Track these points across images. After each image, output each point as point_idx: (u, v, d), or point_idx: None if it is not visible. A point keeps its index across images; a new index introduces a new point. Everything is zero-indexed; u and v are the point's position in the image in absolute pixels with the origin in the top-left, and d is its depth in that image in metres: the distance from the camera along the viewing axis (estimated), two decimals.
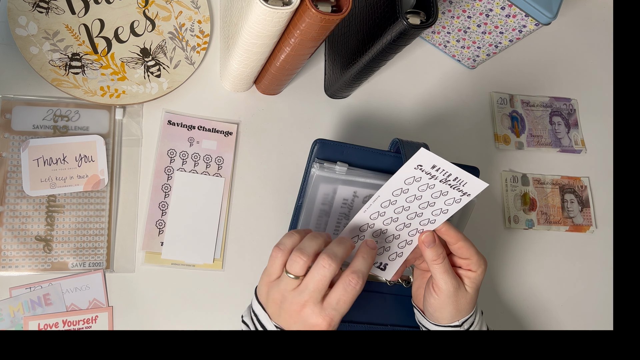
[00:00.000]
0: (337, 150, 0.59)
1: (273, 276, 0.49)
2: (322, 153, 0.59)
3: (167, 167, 0.64)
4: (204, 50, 0.67)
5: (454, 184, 0.51)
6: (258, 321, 0.50)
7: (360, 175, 0.59)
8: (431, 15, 0.51)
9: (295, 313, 0.46)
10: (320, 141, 0.59)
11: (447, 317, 0.53)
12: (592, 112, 0.85)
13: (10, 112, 0.59)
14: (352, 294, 0.47)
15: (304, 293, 0.46)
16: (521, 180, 0.77)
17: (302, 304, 0.46)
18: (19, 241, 0.58)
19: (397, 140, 0.60)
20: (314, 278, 0.46)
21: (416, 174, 0.50)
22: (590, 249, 0.78)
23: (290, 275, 0.47)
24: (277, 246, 0.49)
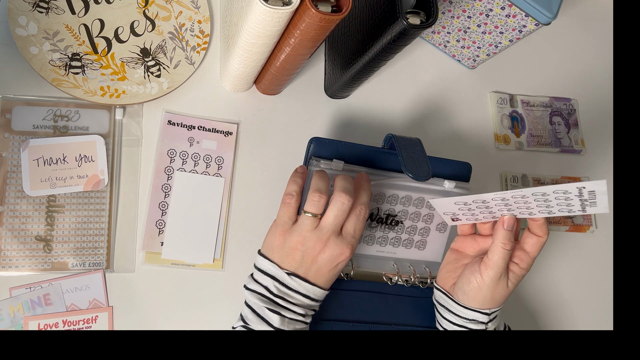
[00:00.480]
0: (332, 148, 0.61)
1: (289, 224, 0.52)
2: (318, 151, 0.60)
3: (167, 167, 0.64)
4: (204, 50, 0.67)
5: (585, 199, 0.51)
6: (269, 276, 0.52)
7: (357, 170, 0.60)
8: (431, 15, 0.51)
9: (319, 251, 0.51)
10: (316, 139, 0.60)
11: (480, 302, 0.55)
12: (592, 112, 0.85)
13: (10, 112, 0.59)
14: (363, 222, 0.53)
15: (325, 228, 0.51)
16: (521, 180, 0.77)
17: (325, 240, 0.51)
18: (19, 241, 0.58)
19: (390, 136, 0.61)
20: (334, 213, 0.51)
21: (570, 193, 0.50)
22: (590, 249, 0.78)
23: (308, 214, 0.51)
24: (287, 194, 0.53)
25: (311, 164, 0.59)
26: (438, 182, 0.63)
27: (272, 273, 0.52)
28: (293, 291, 0.51)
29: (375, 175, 0.61)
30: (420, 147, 0.59)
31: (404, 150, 0.57)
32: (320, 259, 0.51)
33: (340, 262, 0.51)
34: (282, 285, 0.51)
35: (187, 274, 0.62)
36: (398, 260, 0.64)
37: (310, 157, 0.60)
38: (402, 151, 0.57)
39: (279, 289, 0.51)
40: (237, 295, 0.62)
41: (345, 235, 0.51)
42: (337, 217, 0.51)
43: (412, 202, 0.63)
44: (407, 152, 0.57)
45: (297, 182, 0.54)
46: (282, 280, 0.51)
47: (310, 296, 0.52)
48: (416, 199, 0.63)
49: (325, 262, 0.51)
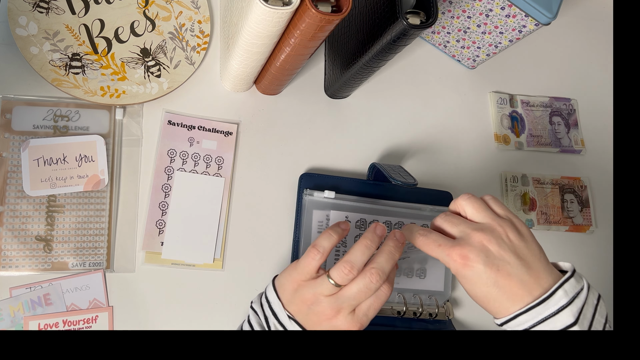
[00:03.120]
0: (322, 181, 0.66)
1: (307, 276, 0.47)
2: (308, 183, 0.65)
3: (167, 167, 0.64)
4: (204, 50, 0.67)
5: None
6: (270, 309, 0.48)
7: (348, 199, 0.65)
8: (431, 15, 0.51)
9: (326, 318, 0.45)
10: (305, 175, 0.66)
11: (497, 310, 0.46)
12: (592, 112, 0.85)
13: (11, 112, 0.59)
14: (383, 299, 0.45)
15: (341, 300, 0.45)
16: (521, 180, 0.77)
17: (336, 310, 0.45)
18: (19, 241, 0.58)
19: (374, 165, 0.66)
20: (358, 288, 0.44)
21: None
22: (590, 249, 0.78)
23: (331, 282, 0.45)
24: (314, 247, 0.46)
25: (304, 195, 0.64)
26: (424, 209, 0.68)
27: (274, 308, 0.48)
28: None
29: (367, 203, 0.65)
30: (403, 169, 0.64)
31: (390, 170, 0.61)
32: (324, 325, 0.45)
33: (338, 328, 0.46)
34: (279, 324, 0.47)
35: (187, 274, 0.62)
36: (402, 291, 0.65)
37: (303, 190, 0.64)
38: (387, 171, 0.61)
39: (275, 326, 0.47)
40: (237, 295, 0.62)
41: (357, 312, 0.45)
42: (360, 293, 0.44)
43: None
44: (393, 171, 0.61)
45: (331, 239, 0.47)
46: (281, 320, 0.47)
47: None
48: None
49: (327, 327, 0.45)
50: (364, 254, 0.45)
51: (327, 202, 0.64)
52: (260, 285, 0.63)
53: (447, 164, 0.75)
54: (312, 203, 0.64)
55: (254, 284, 0.63)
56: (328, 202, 0.64)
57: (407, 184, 0.58)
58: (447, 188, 0.74)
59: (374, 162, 0.66)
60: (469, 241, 0.44)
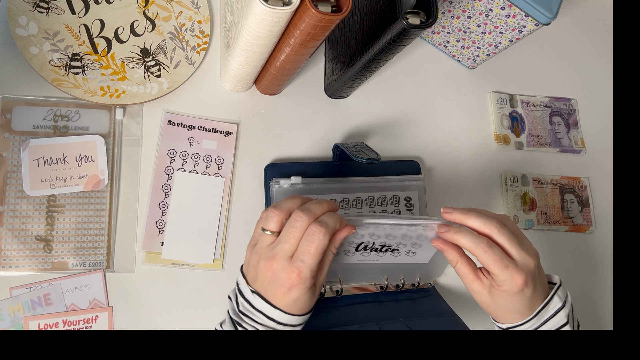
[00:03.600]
0: (287, 168, 0.66)
1: (254, 240, 0.49)
2: (274, 173, 0.65)
3: (167, 167, 0.64)
4: (204, 50, 0.67)
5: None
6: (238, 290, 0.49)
7: (316, 182, 0.64)
8: (431, 15, 0.51)
9: (267, 270, 0.46)
10: (270, 165, 0.66)
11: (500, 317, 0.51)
12: (592, 112, 0.85)
13: (11, 112, 0.59)
14: (316, 243, 0.45)
15: (276, 247, 0.46)
16: (521, 180, 0.77)
17: (273, 258, 0.46)
18: (19, 241, 0.58)
19: (336, 145, 0.66)
20: (286, 231, 0.46)
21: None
22: (590, 249, 0.78)
23: (266, 232, 0.47)
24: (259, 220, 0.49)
25: (271, 185, 0.63)
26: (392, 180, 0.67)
27: (240, 287, 0.49)
28: (256, 310, 0.47)
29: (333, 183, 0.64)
30: (365, 145, 0.63)
31: (352, 148, 0.60)
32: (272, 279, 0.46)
33: (292, 288, 0.46)
34: (246, 302, 0.48)
35: (187, 274, 0.62)
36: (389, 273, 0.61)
37: (270, 180, 0.64)
38: (350, 149, 0.60)
39: (244, 306, 0.48)
40: None
41: (293, 259, 0.45)
42: (288, 235, 0.46)
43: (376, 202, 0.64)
44: (356, 149, 0.61)
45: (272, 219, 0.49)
46: (246, 296, 0.48)
47: (275, 319, 0.47)
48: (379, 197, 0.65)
49: (276, 286, 0.46)
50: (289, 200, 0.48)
51: (294, 188, 0.63)
52: None
53: (447, 164, 0.75)
54: (280, 192, 0.63)
55: None
56: (296, 188, 0.63)
57: (370, 160, 0.57)
58: (447, 188, 0.74)
59: (337, 142, 0.65)
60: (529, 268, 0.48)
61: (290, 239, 0.46)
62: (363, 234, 0.52)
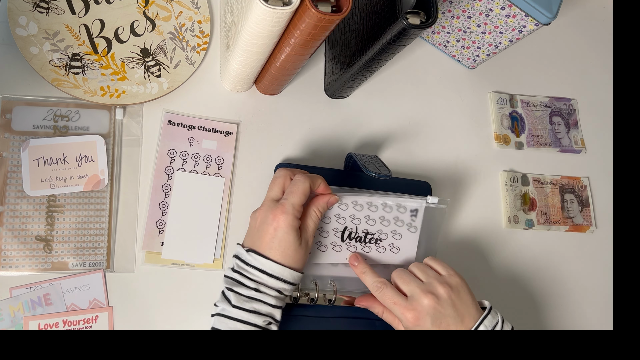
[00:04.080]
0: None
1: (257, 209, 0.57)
2: None
3: (167, 167, 0.64)
4: (204, 50, 0.67)
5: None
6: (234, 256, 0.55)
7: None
8: (431, 15, 0.51)
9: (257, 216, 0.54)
10: (282, 165, 0.65)
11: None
12: (592, 112, 0.85)
13: (11, 112, 0.60)
14: (298, 184, 0.53)
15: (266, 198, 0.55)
16: (521, 180, 0.77)
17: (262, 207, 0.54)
18: (19, 241, 0.58)
19: (350, 154, 0.65)
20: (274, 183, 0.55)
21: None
22: (590, 249, 0.78)
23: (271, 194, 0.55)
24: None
25: None
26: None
27: (235, 252, 0.55)
28: (248, 265, 0.53)
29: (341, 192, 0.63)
30: (379, 159, 0.64)
31: (365, 161, 0.62)
32: (260, 226, 0.53)
33: (277, 226, 0.52)
34: (241, 262, 0.53)
35: (187, 274, 0.62)
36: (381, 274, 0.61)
37: None
38: (362, 162, 0.61)
39: (238, 265, 0.53)
40: None
41: (281, 201, 0.53)
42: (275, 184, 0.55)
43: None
44: (368, 162, 0.62)
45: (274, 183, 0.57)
46: (241, 256, 0.54)
47: (266, 271, 0.52)
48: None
49: (264, 228, 0.52)
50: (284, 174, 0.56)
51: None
52: None
53: (447, 164, 0.75)
54: None
55: None
56: None
57: (381, 175, 0.59)
58: (448, 188, 0.74)
59: (351, 152, 0.65)
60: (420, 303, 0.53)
61: (275, 187, 0.55)
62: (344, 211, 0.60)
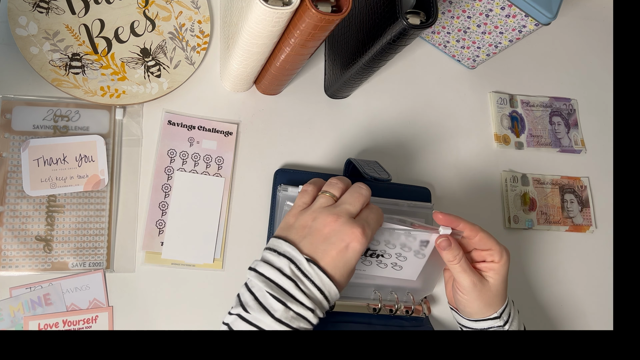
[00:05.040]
0: (298, 176, 0.65)
1: (303, 207, 0.50)
2: (284, 179, 0.64)
3: (167, 167, 0.64)
4: (204, 50, 0.67)
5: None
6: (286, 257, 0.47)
7: None
8: (431, 15, 0.51)
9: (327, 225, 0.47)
10: (280, 170, 0.65)
11: (478, 312, 0.55)
12: (592, 112, 0.85)
13: (11, 112, 0.59)
14: (377, 214, 0.49)
15: (341, 206, 0.48)
16: (521, 180, 0.77)
17: (336, 216, 0.47)
18: (19, 241, 0.58)
19: (349, 160, 0.65)
20: (351, 194, 0.49)
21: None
22: (590, 249, 0.78)
23: (326, 193, 0.50)
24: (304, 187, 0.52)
25: (278, 191, 0.61)
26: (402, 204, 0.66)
27: (289, 255, 0.46)
28: (308, 279, 0.45)
29: None
30: (378, 164, 0.63)
31: (364, 165, 0.61)
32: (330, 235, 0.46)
33: (350, 244, 0.46)
34: (297, 270, 0.46)
35: (187, 274, 0.62)
36: (379, 287, 0.62)
37: (279, 185, 0.62)
38: (362, 166, 0.60)
39: (294, 273, 0.45)
40: None
41: (357, 219, 0.47)
42: (355, 198, 0.48)
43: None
44: (367, 166, 0.61)
45: (317, 182, 0.52)
46: (300, 265, 0.46)
47: (324, 292, 0.46)
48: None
49: (335, 241, 0.46)
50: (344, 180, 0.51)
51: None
52: None
53: (447, 164, 0.75)
54: (287, 198, 0.60)
55: None
56: None
57: (381, 180, 0.57)
58: (448, 188, 0.74)
59: (350, 157, 0.65)
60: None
61: (356, 203, 0.48)
62: None
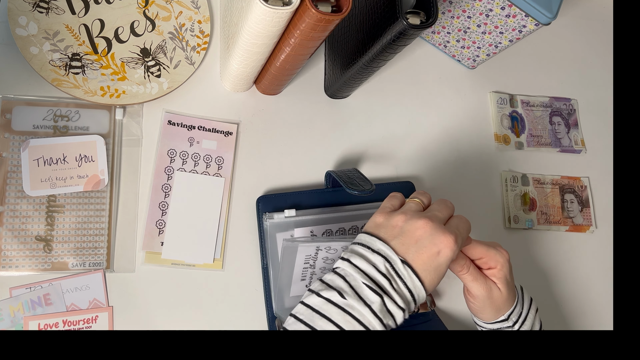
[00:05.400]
0: (280, 200, 0.64)
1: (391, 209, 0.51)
2: (267, 207, 0.63)
3: (167, 167, 0.64)
4: (204, 50, 0.67)
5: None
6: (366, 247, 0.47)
7: (310, 213, 0.62)
8: (431, 15, 0.51)
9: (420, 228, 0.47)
10: (262, 198, 0.64)
11: (490, 317, 0.56)
12: (592, 112, 0.85)
13: (11, 112, 0.59)
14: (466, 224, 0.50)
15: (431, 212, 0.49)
16: (521, 180, 0.77)
17: (429, 219, 0.47)
18: (19, 241, 0.58)
19: (328, 172, 0.65)
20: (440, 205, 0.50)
21: None
22: (590, 249, 0.78)
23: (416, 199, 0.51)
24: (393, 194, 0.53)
25: (264, 220, 0.62)
26: None
27: (384, 253, 0.47)
28: (401, 280, 0.46)
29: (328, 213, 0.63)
30: (359, 173, 0.62)
31: (344, 177, 0.60)
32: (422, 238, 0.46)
33: (442, 250, 0.46)
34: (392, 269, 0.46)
35: (187, 274, 0.62)
36: None
37: (263, 214, 0.62)
38: (342, 179, 0.59)
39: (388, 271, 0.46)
40: (237, 295, 0.62)
41: (448, 225, 0.48)
42: (441, 207, 0.49)
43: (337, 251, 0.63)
44: (348, 178, 0.60)
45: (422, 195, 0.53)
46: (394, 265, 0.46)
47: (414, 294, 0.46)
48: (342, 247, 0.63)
49: (427, 244, 0.46)
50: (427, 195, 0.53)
51: (289, 221, 0.61)
52: (261, 285, 0.63)
53: (447, 164, 0.75)
54: (274, 226, 0.61)
55: (254, 284, 0.63)
56: (290, 221, 0.61)
57: (363, 192, 0.57)
58: (448, 188, 0.74)
59: (329, 170, 0.64)
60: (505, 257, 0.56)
61: (444, 211, 0.49)
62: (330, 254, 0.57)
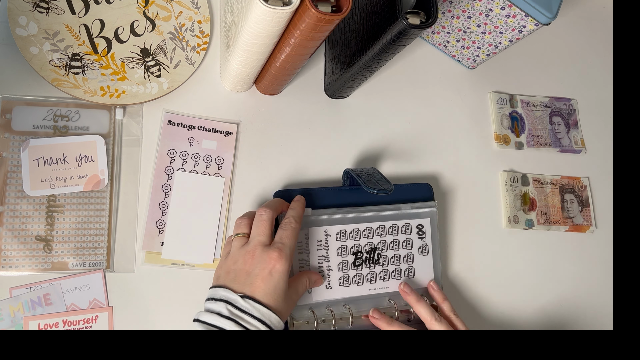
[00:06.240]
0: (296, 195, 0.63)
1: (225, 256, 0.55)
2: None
3: (167, 167, 0.64)
4: (204, 50, 0.67)
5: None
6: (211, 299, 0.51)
7: (326, 213, 0.62)
8: (431, 15, 0.51)
9: (247, 261, 0.51)
10: (279, 192, 0.63)
11: None
12: (592, 112, 0.85)
13: (11, 112, 0.60)
14: (290, 229, 0.54)
15: (252, 241, 0.52)
16: (521, 180, 0.77)
17: (252, 251, 0.52)
18: (19, 241, 0.58)
19: (347, 171, 0.65)
20: (256, 226, 0.53)
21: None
22: (590, 249, 0.78)
23: (237, 235, 0.54)
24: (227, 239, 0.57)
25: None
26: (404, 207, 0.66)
27: (224, 298, 0.49)
28: (247, 314, 0.48)
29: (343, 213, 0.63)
30: (377, 172, 0.63)
31: (363, 176, 0.61)
32: (251, 270, 0.50)
33: (272, 268, 0.50)
34: (235, 309, 0.48)
35: (187, 274, 0.62)
36: (393, 295, 0.64)
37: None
38: (360, 177, 0.60)
39: (231, 312, 0.48)
40: None
41: (272, 244, 0.52)
42: (259, 227, 0.53)
43: (387, 231, 0.64)
44: (366, 176, 0.61)
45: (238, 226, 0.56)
46: (236, 303, 0.49)
47: (265, 322, 0.48)
48: (390, 226, 0.64)
49: (258, 271, 0.50)
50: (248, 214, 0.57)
51: (305, 220, 0.61)
52: None
53: (447, 164, 0.75)
54: None
55: None
56: (305, 220, 0.61)
57: (382, 191, 0.58)
58: (447, 188, 0.74)
59: (347, 168, 0.64)
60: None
61: (264, 231, 0.53)
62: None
